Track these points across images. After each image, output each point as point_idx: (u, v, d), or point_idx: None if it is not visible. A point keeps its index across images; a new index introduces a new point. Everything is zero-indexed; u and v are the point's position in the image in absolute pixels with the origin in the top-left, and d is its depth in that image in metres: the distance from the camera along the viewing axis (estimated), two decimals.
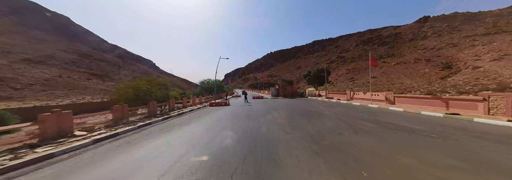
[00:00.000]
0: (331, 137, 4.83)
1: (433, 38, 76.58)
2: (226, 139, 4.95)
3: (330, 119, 8.00)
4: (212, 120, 8.37)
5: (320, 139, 4.63)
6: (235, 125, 6.99)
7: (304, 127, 6.24)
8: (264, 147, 4.11)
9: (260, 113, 9.85)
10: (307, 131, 5.62)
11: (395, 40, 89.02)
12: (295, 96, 24.92)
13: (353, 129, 5.76)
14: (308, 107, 11.54)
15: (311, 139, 4.63)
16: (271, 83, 73.31)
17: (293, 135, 5.18)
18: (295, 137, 4.96)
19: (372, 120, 7.18)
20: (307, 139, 4.65)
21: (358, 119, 7.52)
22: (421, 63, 57.48)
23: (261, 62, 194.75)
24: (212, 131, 6.09)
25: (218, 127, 6.84)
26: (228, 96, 22.92)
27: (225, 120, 8.30)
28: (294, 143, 4.34)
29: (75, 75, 44.80)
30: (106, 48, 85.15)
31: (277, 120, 7.93)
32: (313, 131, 5.59)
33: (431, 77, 45.35)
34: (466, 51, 55.18)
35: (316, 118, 8.25)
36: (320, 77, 23.97)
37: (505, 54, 44.47)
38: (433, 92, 21.71)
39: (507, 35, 59.55)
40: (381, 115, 8.78)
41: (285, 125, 6.69)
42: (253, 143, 4.45)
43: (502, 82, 24.39)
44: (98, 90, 38.75)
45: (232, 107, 12.88)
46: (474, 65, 43.55)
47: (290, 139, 4.77)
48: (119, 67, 71.45)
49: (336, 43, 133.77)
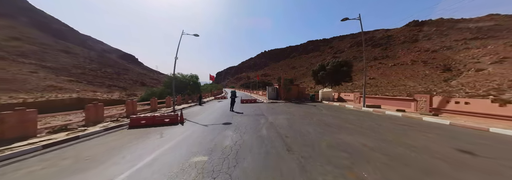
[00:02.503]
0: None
1: (424, 41, 75.79)
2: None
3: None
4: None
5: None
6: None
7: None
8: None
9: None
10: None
11: (388, 42, 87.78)
12: (302, 99, 17.20)
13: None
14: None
15: None
16: (266, 82, 66.48)
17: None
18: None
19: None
20: None
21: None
22: (418, 65, 54.99)
23: (255, 61, 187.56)
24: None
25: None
26: (202, 99, 15.60)
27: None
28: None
29: (15, 67, 34.09)
30: (74, 39, 71.93)
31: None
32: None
33: (434, 79, 42.63)
34: (462, 53, 54.10)
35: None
36: (339, 73, 16.54)
37: (504, 57, 43.29)
38: (452, 96, 17.44)
39: (495, 39, 60.45)
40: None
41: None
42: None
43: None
44: (43, 87, 28.85)
45: (168, 138, 4.63)
46: (476, 67, 41.81)
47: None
48: (91, 60, 59.82)
49: (330, 43, 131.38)
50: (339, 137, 4.40)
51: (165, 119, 6.37)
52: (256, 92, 37.08)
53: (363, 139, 4.21)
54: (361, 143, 3.91)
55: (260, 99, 19.30)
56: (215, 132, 5.05)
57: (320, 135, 4.57)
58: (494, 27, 71.52)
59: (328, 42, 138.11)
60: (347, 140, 4.10)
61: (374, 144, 3.81)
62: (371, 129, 5.25)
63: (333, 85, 18.81)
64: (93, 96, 30.11)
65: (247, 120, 6.84)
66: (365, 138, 4.30)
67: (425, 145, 3.77)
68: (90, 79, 48.88)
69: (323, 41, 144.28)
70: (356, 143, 3.88)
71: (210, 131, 5.18)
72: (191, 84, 17.75)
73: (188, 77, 18.12)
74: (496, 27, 71.14)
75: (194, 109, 11.54)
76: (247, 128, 5.52)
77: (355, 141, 4.06)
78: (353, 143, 3.92)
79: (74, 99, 24.45)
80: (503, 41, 52.91)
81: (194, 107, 12.48)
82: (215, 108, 11.60)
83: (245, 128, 5.46)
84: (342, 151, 3.45)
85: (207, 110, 10.82)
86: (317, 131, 5.09)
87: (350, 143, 3.89)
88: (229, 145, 3.89)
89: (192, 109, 11.55)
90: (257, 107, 11.92)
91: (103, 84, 48.90)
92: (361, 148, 3.61)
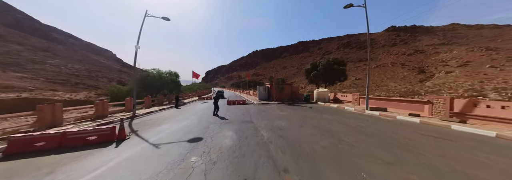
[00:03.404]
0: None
1: (401, 45, 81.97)
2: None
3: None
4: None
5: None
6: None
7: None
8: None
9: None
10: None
11: (370, 45, 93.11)
12: (296, 100, 15.62)
13: None
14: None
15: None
16: (257, 81, 64.93)
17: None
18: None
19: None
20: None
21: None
22: (397, 67, 58.72)
23: (246, 60, 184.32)
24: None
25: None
26: (182, 100, 13.30)
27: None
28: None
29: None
30: (33, 29, 61.13)
31: None
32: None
33: (411, 80, 45.62)
34: (432, 57, 59.37)
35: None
36: (333, 71, 15.58)
37: (468, 61, 48.37)
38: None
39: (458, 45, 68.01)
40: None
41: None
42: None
43: (477, 85, 23.19)
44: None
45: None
46: (445, 70, 45.87)
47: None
48: (54, 54, 51.26)
49: (319, 45, 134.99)
50: (371, 169, 2.64)
51: (90, 136, 3.88)
52: (246, 92, 34.90)
53: (404, 167, 2.51)
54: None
55: (250, 99, 17.30)
56: (164, 161, 2.94)
57: (337, 166, 2.75)
58: (456, 34, 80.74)
59: (317, 43, 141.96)
60: (388, 176, 2.36)
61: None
62: (398, 144, 3.66)
63: (327, 85, 17.66)
64: (51, 96, 24.86)
65: (228, 132, 4.82)
66: (405, 166, 2.62)
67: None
68: (50, 76, 41.46)
69: (312, 42, 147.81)
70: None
71: (156, 160, 3.03)
72: (168, 82, 14.68)
73: (165, 75, 14.97)
74: (458, 34, 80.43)
75: (165, 113, 9.06)
76: (223, 150, 3.50)
77: (400, 177, 2.33)
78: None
79: (20, 99, 19.45)
80: (465, 47, 59.50)
81: (166, 111, 9.96)
82: (192, 112, 9.25)
83: (219, 150, 3.46)
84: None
85: (181, 115, 8.44)
86: (329, 152, 3.32)
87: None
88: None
89: (162, 113, 9.05)
90: (246, 110, 9.92)
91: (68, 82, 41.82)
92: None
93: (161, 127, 5.76)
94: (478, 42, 64.63)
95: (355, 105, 11.51)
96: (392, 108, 8.42)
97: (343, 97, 13.15)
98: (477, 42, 64.96)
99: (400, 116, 6.89)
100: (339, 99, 13.61)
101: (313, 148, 3.56)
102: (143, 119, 7.28)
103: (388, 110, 8.28)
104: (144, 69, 15.04)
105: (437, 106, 6.48)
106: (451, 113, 6.02)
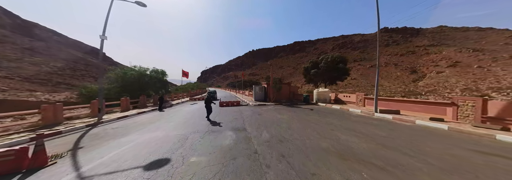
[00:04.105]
0: None
1: (393, 46, 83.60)
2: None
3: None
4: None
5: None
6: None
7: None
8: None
9: None
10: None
11: (365, 46, 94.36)
12: (294, 101, 14.36)
13: None
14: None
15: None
16: (253, 81, 63.72)
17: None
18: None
19: None
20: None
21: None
22: (391, 67, 59.48)
23: (243, 60, 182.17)
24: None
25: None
26: (170, 101, 12.48)
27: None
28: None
29: None
30: (11, 24, 56.52)
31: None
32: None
33: (404, 80, 46.09)
34: (424, 57, 60.72)
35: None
36: (336, 70, 14.32)
37: (456, 61, 49.66)
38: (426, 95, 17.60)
39: (446, 46, 70.25)
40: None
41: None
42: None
43: (470, 84, 23.39)
44: None
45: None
46: (436, 70, 46.81)
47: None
48: (33, 51, 47.53)
49: (315, 45, 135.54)
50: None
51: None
52: (242, 92, 33.29)
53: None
54: None
55: (245, 100, 15.88)
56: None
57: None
58: (444, 36, 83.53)
59: (313, 43, 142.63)
60: None
61: None
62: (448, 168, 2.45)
63: (327, 84, 16.58)
64: (26, 97, 22.23)
65: (210, 148, 3.46)
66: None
67: None
68: (29, 74, 38.01)
69: (308, 43, 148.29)
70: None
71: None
72: (153, 81, 12.84)
73: (151, 73, 13.11)
74: (446, 36, 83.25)
75: (141, 118, 7.52)
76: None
77: None
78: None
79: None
80: (453, 48, 61.31)
81: (145, 115, 8.39)
82: (176, 116, 7.75)
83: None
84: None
85: (160, 120, 6.94)
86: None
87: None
88: None
89: (138, 118, 7.50)
90: (239, 113, 8.56)
91: (49, 82, 38.54)
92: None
93: (123, 139, 4.28)
94: (465, 44, 66.95)
95: (360, 106, 10.46)
96: (404, 111, 7.35)
97: (346, 98, 12.09)
98: (464, 44, 67.27)
99: (419, 120, 5.80)
100: (341, 99, 12.54)
101: (325, 172, 2.28)
102: (106, 127, 5.71)
103: (401, 113, 7.20)
104: (133, 67, 13.02)
105: (464, 109, 5.45)
106: (483, 118, 4.99)
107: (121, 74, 11.83)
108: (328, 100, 13.09)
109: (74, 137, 4.57)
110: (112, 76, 12.15)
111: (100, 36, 6.63)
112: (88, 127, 5.77)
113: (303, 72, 18.36)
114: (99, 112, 6.55)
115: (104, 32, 6.72)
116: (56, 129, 5.10)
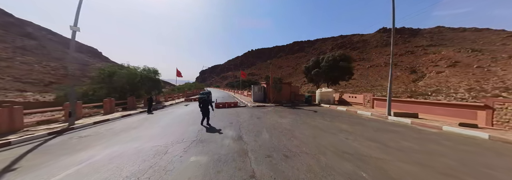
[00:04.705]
0: None
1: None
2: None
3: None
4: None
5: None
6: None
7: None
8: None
9: None
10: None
11: (364, 46, 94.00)
12: (295, 102, 13.33)
13: None
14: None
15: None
16: (252, 81, 62.74)
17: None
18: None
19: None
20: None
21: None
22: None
23: (242, 60, 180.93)
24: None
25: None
26: (158, 103, 11.90)
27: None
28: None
29: None
30: (3, 24, 54.75)
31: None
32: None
33: (404, 80, 45.58)
34: (423, 57, 60.40)
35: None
36: (338, 69, 13.26)
37: (456, 61, 49.37)
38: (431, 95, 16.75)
39: (445, 46, 70.22)
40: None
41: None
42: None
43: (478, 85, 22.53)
44: None
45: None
46: (435, 70, 46.44)
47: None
48: (25, 50, 46.13)
49: (314, 45, 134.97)
50: None
51: None
52: (240, 92, 32.10)
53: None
54: None
55: (244, 101, 14.84)
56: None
57: None
58: (442, 36, 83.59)
59: (312, 43, 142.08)
60: None
61: None
62: None
63: (329, 84, 15.66)
64: (15, 97, 20.99)
65: (189, 171, 2.48)
66: None
67: None
68: (20, 74, 36.55)
69: (307, 43, 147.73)
70: None
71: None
72: (144, 80, 11.67)
73: (141, 72, 11.94)
74: (444, 36, 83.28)
75: (122, 123, 6.52)
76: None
77: None
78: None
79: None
80: (452, 48, 61.12)
81: (129, 119, 7.38)
82: (164, 120, 6.75)
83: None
84: None
85: (141, 125, 5.94)
86: None
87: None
88: None
89: (118, 123, 6.50)
90: (236, 115, 7.59)
91: (41, 82, 37.08)
92: None
93: (80, 155, 3.27)
94: (463, 44, 66.89)
95: (368, 108, 9.56)
96: (423, 114, 6.45)
97: (351, 99, 11.19)
98: (462, 44, 67.22)
99: (446, 126, 4.89)
100: (346, 100, 11.63)
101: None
102: (72, 136, 4.69)
103: (419, 117, 6.29)
104: (123, 66, 11.77)
105: (503, 113, 4.55)
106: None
107: (108, 73, 10.70)
108: (332, 101, 12.18)
109: (21, 151, 3.55)
110: (97, 76, 11.03)
111: (71, 27, 5.60)
112: (51, 135, 4.74)
113: (304, 72, 17.44)
114: (70, 116, 5.50)
115: (76, 23, 5.68)
116: (5, 140, 4.06)
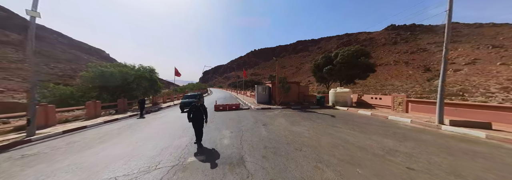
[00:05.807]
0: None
1: (402, 44, 79.07)
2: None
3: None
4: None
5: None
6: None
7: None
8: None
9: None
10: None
11: (371, 44, 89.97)
12: (305, 104, 11.65)
13: None
14: None
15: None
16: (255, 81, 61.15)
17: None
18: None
19: None
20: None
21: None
22: (401, 65, 55.64)
23: (244, 60, 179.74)
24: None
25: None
26: (154, 105, 11.11)
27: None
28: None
29: None
30: (15, 27, 56.15)
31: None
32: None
33: (418, 79, 42.45)
34: (437, 55, 56.50)
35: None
36: (355, 66, 11.17)
37: (475, 58, 45.52)
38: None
39: (460, 43, 65.49)
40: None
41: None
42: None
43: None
44: None
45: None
46: (452, 68, 42.94)
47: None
48: (35, 52, 47.28)
49: (318, 44, 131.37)
50: None
51: None
52: (243, 93, 30.56)
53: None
54: None
55: (246, 102, 13.38)
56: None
57: None
58: (457, 33, 78.22)
59: (316, 42, 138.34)
60: None
61: None
62: None
63: (343, 83, 13.84)
64: (21, 99, 20.82)
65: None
66: None
67: None
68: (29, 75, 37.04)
69: (311, 41, 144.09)
70: None
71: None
72: (139, 80, 10.50)
73: (136, 71, 10.79)
74: (458, 33, 77.89)
75: (97, 132, 5.35)
76: None
77: None
78: None
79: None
80: (469, 45, 56.75)
81: (110, 125, 6.15)
82: (146, 130, 5.44)
83: None
84: None
85: (117, 136, 4.67)
86: None
87: None
88: None
89: (92, 132, 5.30)
90: (237, 121, 6.28)
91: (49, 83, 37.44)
92: None
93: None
94: (480, 40, 61.96)
95: (400, 112, 7.82)
96: (497, 123, 4.68)
97: (374, 100, 9.44)
98: (479, 40, 62.28)
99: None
100: (367, 102, 9.89)
101: None
102: (13, 155, 3.41)
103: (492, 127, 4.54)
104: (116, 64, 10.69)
105: None
106: None
107: (99, 72, 9.59)
108: (349, 103, 10.45)
109: None
110: (86, 75, 9.97)
111: (27, 11, 4.32)
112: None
113: (313, 70, 15.66)
114: (28, 124, 4.24)
115: (36, 7, 4.39)
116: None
